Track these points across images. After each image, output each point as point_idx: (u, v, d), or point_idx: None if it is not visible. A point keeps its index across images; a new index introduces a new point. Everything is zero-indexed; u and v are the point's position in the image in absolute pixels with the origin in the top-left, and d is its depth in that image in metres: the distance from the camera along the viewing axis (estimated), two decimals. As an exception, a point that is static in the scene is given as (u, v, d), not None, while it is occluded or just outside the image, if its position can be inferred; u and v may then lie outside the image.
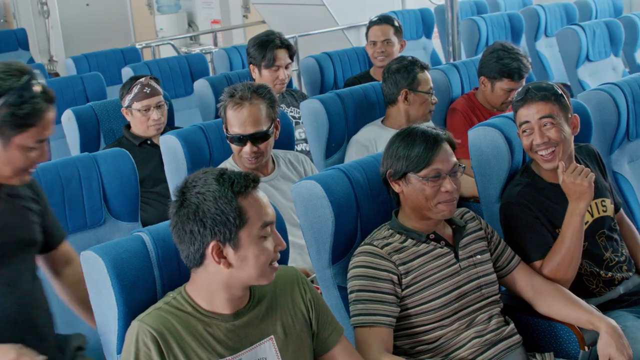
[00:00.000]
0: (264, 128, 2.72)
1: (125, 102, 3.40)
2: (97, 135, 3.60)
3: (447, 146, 2.13)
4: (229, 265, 1.67)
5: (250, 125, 2.70)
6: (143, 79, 3.43)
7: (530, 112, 2.34)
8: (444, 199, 2.09)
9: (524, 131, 2.37)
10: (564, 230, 2.28)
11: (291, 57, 3.77)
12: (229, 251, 1.67)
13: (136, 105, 3.37)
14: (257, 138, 2.72)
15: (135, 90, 3.37)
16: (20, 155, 1.85)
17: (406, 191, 2.12)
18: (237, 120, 2.71)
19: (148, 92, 3.37)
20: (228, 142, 2.79)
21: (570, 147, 2.38)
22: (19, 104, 1.79)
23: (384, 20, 4.29)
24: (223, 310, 1.72)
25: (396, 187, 2.15)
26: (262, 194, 1.73)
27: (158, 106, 3.40)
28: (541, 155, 2.34)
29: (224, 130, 2.80)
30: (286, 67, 3.75)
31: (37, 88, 1.82)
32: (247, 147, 2.72)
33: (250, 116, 2.70)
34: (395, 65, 3.28)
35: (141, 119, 3.38)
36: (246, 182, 1.68)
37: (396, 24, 4.28)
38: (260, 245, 1.68)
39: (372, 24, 4.31)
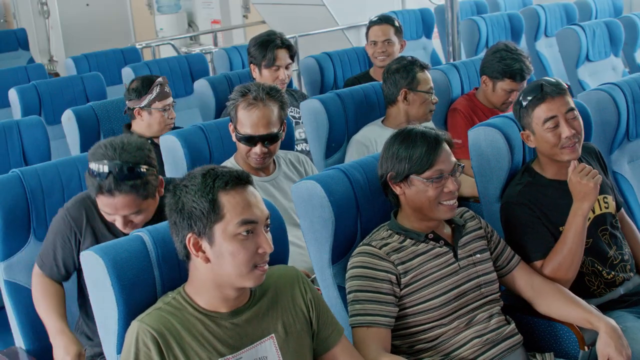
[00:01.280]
0: (275, 130, 2.73)
1: (144, 102, 3.37)
2: (97, 135, 3.60)
3: (446, 146, 2.13)
4: (207, 260, 1.67)
5: (262, 126, 2.70)
6: (161, 78, 3.43)
7: (555, 106, 2.34)
8: (447, 199, 2.10)
9: (548, 127, 2.34)
10: (566, 230, 2.28)
11: (292, 58, 3.78)
12: (205, 245, 1.67)
13: (158, 104, 3.36)
14: (268, 139, 2.72)
15: (157, 90, 3.37)
16: (105, 210, 2.19)
17: (408, 193, 2.12)
18: (249, 121, 2.71)
19: (167, 91, 3.39)
20: (236, 140, 2.78)
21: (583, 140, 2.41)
22: (94, 176, 2.11)
23: (385, 20, 4.28)
24: (221, 309, 1.72)
25: (397, 190, 2.14)
26: (252, 192, 1.70)
27: (172, 105, 3.42)
28: (568, 147, 2.34)
29: (232, 129, 2.79)
30: (287, 67, 3.75)
31: (107, 170, 2.08)
32: (257, 148, 2.72)
33: (263, 118, 2.70)
34: (394, 66, 3.28)
35: (160, 118, 3.37)
36: (230, 179, 1.67)
37: (396, 23, 4.28)
38: (236, 243, 1.65)
39: (372, 24, 4.29)
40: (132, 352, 1.63)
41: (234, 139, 2.79)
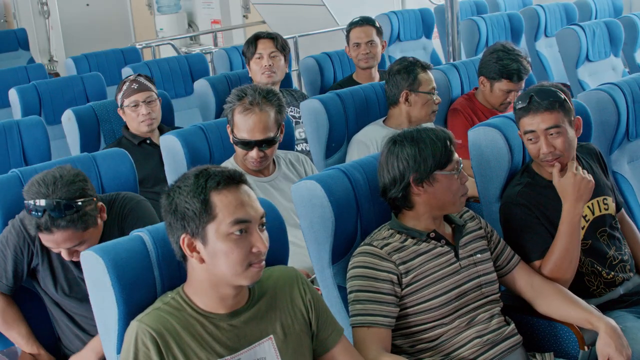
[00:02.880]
0: (272, 135, 2.72)
1: (118, 102, 3.42)
2: (97, 135, 3.60)
3: None
4: (202, 260, 1.67)
5: (258, 131, 2.70)
6: (131, 76, 3.44)
7: (535, 122, 2.33)
8: (464, 191, 2.14)
9: (529, 139, 2.36)
10: (561, 230, 2.28)
11: (277, 48, 3.81)
12: (199, 246, 1.67)
13: (125, 102, 3.38)
14: (265, 144, 2.72)
15: (124, 87, 3.39)
16: (47, 245, 2.22)
17: (431, 191, 2.11)
18: (246, 126, 2.70)
19: (135, 87, 3.37)
20: (232, 143, 2.78)
21: (574, 150, 2.39)
22: (31, 213, 2.12)
23: (365, 21, 4.19)
24: (219, 310, 1.72)
25: (418, 191, 2.11)
26: (246, 191, 1.70)
27: (147, 102, 3.38)
28: (546, 161, 2.35)
29: (229, 131, 2.79)
30: (273, 57, 3.79)
31: (42, 208, 2.09)
32: (254, 152, 2.72)
33: (259, 122, 2.69)
34: (396, 67, 3.28)
35: (131, 115, 3.38)
36: (222, 179, 1.67)
37: (377, 24, 4.21)
38: (229, 242, 1.64)
39: (353, 25, 4.20)
40: (131, 352, 1.63)
41: (231, 141, 2.80)
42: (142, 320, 1.66)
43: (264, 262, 1.70)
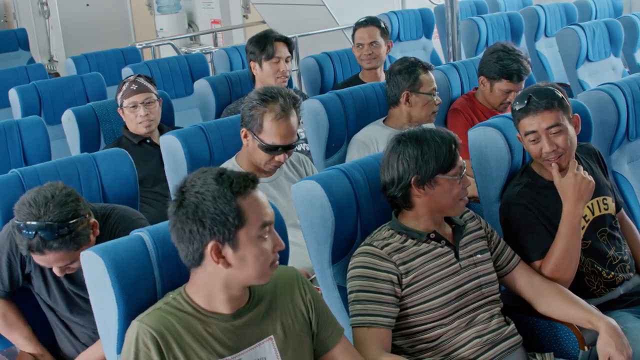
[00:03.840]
0: (296, 138, 2.74)
1: (118, 102, 3.42)
2: (97, 135, 3.60)
3: None
4: (228, 265, 1.67)
5: (289, 136, 2.70)
6: (132, 76, 3.44)
7: (536, 122, 2.32)
8: (465, 194, 2.13)
9: (531, 140, 2.35)
10: (561, 231, 2.28)
11: (290, 52, 3.80)
12: (227, 251, 1.66)
13: (125, 102, 3.38)
14: (291, 147, 2.73)
15: (124, 88, 3.39)
16: (39, 264, 2.21)
17: (432, 194, 2.10)
18: (280, 132, 2.67)
19: (135, 88, 3.37)
20: (255, 148, 2.71)
21: (575, 147, 2.39)
22: (22, 234, 2.08)
23: (370, 22, 4.21)
24: (222, 310, 1.72)
25: (419, 192, 2.11)
26: (261, 194, 1.72)
27: (146, 103, 3.37)
28: (549, 160, 2.34)
29: (246, 133, 2.72)
30: (286, 61, 3.76)
31: (33, 230, 2.05)
32: (282, 157, 2.72)
33: (291, 128, 2.70)
34: (397, 67, 3.27)
35: (130, 116, 3.38)
36: (245, 182, 1.67)
37: (382, 25, 4.21)
38: (258, 245, 1.67)
39: (358, 25, 4.22)
40: (132, 352, 1.63)
41: (249, 144, 2.74)
42: (143, 320, 1.67)
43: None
